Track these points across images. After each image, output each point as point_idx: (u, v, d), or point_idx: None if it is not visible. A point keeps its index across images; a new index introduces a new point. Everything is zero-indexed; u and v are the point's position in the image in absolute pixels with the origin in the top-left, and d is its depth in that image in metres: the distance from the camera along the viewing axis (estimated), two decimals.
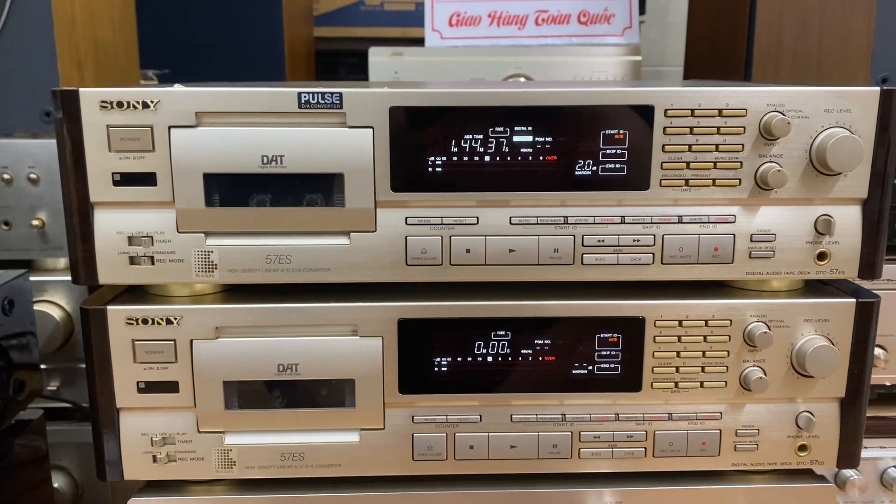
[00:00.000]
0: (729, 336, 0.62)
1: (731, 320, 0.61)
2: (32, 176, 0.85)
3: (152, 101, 0.56)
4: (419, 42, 1.32)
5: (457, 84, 0.67)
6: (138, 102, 0.56)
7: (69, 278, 0.85)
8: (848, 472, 0.89)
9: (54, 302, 0.87)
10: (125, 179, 0.58)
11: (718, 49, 1.25)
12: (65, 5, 0.88)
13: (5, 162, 0.85)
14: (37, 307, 0.84)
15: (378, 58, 1.22)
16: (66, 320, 0.87)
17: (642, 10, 1.67)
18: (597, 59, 1.23)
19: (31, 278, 0.81)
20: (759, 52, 1.10)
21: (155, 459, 0.63)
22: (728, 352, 0.62)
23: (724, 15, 1.22)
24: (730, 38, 1.17)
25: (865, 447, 0.91)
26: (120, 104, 0.56)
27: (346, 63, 1.79)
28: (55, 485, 0.90)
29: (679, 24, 1.52)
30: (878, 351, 0.87)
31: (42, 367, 0.85)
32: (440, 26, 1.34)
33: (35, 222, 0.86)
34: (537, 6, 1.34)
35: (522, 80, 1.24)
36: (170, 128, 0.57)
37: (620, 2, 1.34)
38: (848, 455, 0.64)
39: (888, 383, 0.85)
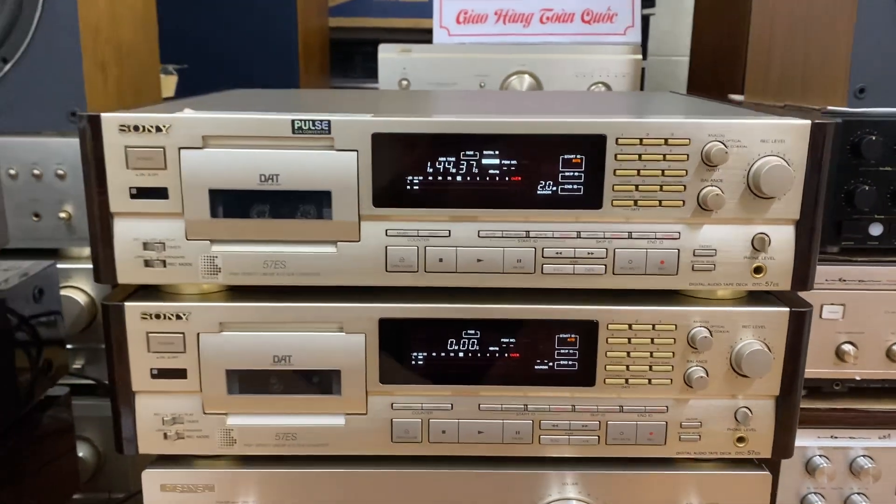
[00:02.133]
0: (674, 339, 0.67)
1: (676, 325, 0.67)
2: (60, 172, 0.89)
3: (164, 126, 0.62)
4: (430, 33, 1.35)
5: (434, 109, 0.73)
6: (152, 126, 0.62)
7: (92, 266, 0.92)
8: (819, 461, 0.94)
9: (79, 287, 0.92)
10: (141, 193, 0.64)
11: (720, 44, 1.28)
12: (90, 12, 0.93)
13: (35, 159, 0.89)
14: (63, 292, 0.89)
15: (388, 55, 1.25)
16: (90, 304, 0.91)
17: (652, 3, 1.68)
18: (599, 56, 1.26)
19: (58, 266, 0.85)
20: (752, 59, 1.13)
21: (166, 436, 0.69)
22: (673, 353, 0.67)
23: (725, 18, 1.25)
24: (729, 37, 1.20)
25: (836, 437, 0.95)
26: (136, 128, 0.62)
27: (361, 52, 1.81)
28: (80, 454, 0.95)
29: (692, 13, 1.53)
30: (848, 347, 0.91)
31: (68, 346, 0.89)
32: (448, 23, 1.37)
33: (62, 214, 0.90)
34: (542, 4, 1.35)
35: (527, 77, 1.27)
36: (180, 149, 0.63)
37: (623, 1, 1.36)
38: (781, 446, 0.69)
39: (857, 377, 0.88)
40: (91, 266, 0.88)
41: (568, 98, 0.99)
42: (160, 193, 0.64)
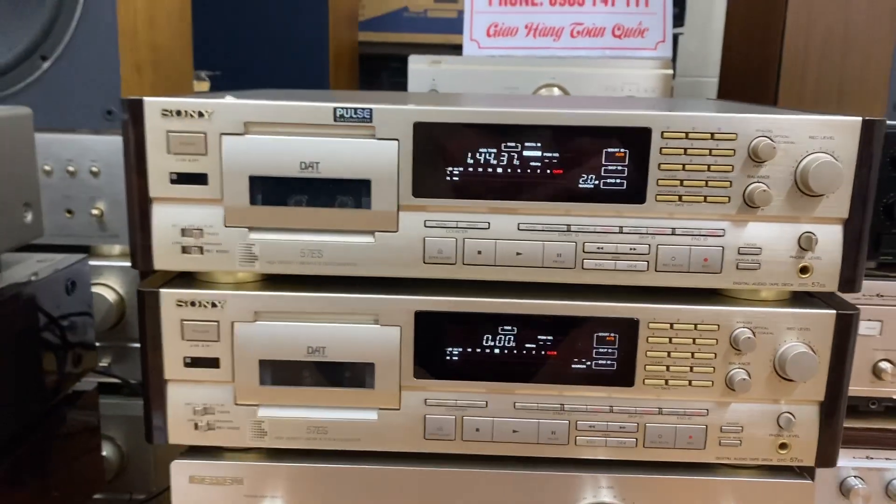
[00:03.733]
0: (716, 339, 0.66)
1: (718, 325, 0.66)
2: (94, 169, 0.90)
3: (207, 111, 0.63)
4: (460, 48, 1.36)
5: (474, 103, 0.72)
6: (195, 112, 0.62)
7: (123, 264, 0.93)
8: (853, 482, 0.92)
9: (109, 285, 0.92)
10: (181, 178, 0.64)
11: (751, 63, 1.28)
12: (128, 16, 0.94)
13: (70, 155, 0.91)
14: (93, 290, 0.89)
15: (417, 65, 1.26)
16: (119, 302, 0.92)
17: (681, 22, 1.68)
18: (629, 71, 1.25)
19: (89, 262, 0.86)
20: (786, 72, 1.12)
21: (196, 427, 0.68)
22: (715, 354, 0.66)
23: (757, 34, 1.25)
24: (762, 55, 1.20)
25: (871, 458, 0.94)
26: (179, 113, 0.63)
27: (390, 67, 1.82)
28: (104, 453, 0.94)
29: (721, 34, 1.53)
30: (885, 365, 0.90)
31: (96, 344, 0.89)
32: (478, 36, 1.38)
33: (95, 211, 0.91)
34: (573, 19, 1.36)
35: (556, 90, 1.27)
36: (221, 135, 0.63)
37: (654, 17, 1.36)
38: (825, 455, 0.68)
39: (895, 397, 0.87)
40: (121, 264, 0.92)
41: (606, 100, 0.98)
42: (200, 179, 0.64)
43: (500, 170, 0.64)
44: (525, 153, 0.63)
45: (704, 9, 1.88)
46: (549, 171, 0.64)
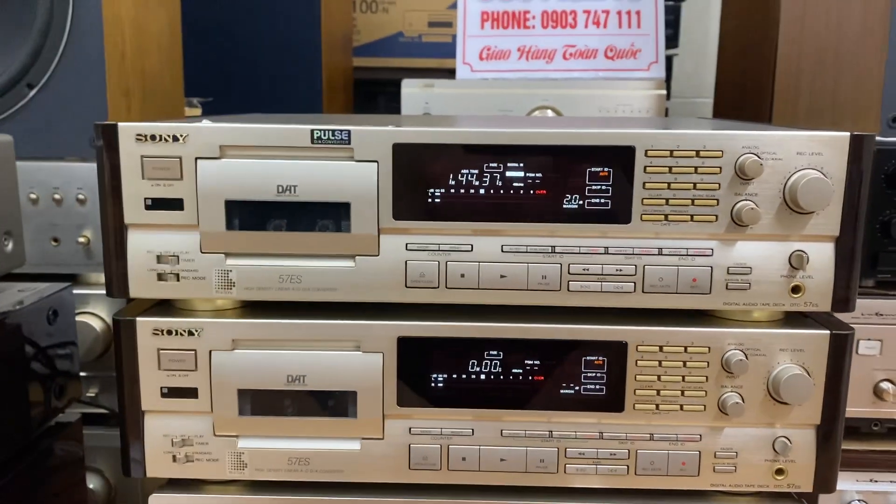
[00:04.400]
0: (707, 362, 0.64)
1: (709, 347, 0.64)
2: (80, 196, 0.89)
3: (181, 135, 0.62)
4: (453, 73, 1.35)
5: (455, 123, 0.72)
6: (169, 136, 0.62)
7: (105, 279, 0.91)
8: None
9: (96, 314, 0.90)
10: (156, 204, 0.63)
11: (745, 83, 1.28)
12: (115, 42, 0.94)
13: (56, 183, 0.89)
14: (79, 318, 0.88)
15: (410, 89, 1.26)
16: (106, 331, 0.90)
17: (675, 44, 1.68)
18: (622, 92, 1.24)
19: (76, 291, 0.85)
20: (780, 91, 1.12)
21: (175, 459, 0.67)
22: (707, 377, 0.64)
23: (750, 54, 1.25)
24: (755, 74, 1.20)
25: (875, 481, 0.92)
26: (153, 137, 0.62)
27: (386, 92, 1.82)
28: (90, 486, 0.92)
29: (715, 55, 1.53)
30: (886, 385, 0.88)
31: (82, 374, 0.88)
32: (471, 59, 1.37)
33: (81, 239, 0.90)
34: (565, 41, 1.36)
35: (549, 112, 1.27)
36: (196, 159, 0.62)
37: (647, 38, 1.36)
38: (824, 480, 0.66)
39: None
40: None
41: (590, 119, 0.97)
42: (175, 205, 0.63)
43: (482, 191, 0.63)
44: (508, 173, 0.62)
45: (699, 30, 1.88)
46: (532, 192, 0.63)
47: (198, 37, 1.35)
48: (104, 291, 0.88)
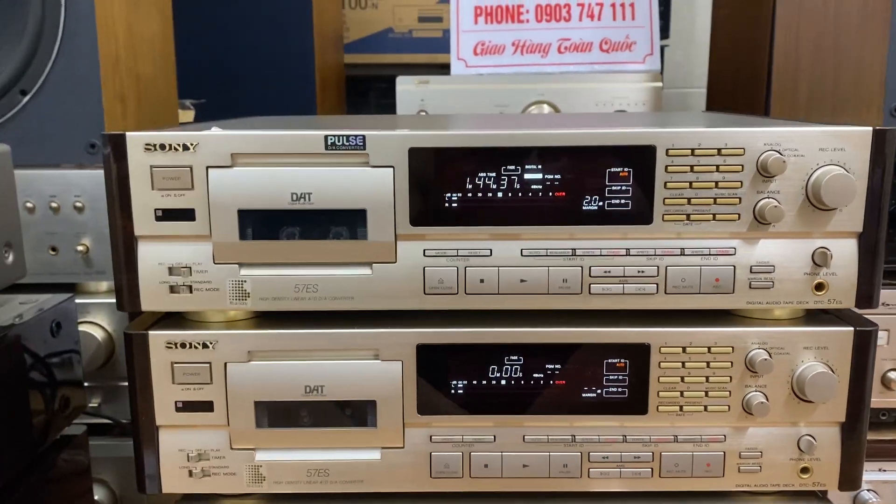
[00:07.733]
0: (731, 362, 0.64)
1: (732, 347, 0.63)
2: (78, 204, 0.88)
3: (192, 144, 0.60)
4: (447, 67, 1.35)
5: (472, 126, 0.70)
6: (179, 145, 0.60)
7: (111, 301, 0.90)
8: (867, 495, 0.91)
9: (97, 323, 0.89)
10: (166, 215, 0.61)
11: (740, 73, 1.27)
12: (109, 45, 0.92)
13: (53, 191, 0.88)
14: (80, 328, 0.86)
15: (405, 86, 1.25)
16: (108, 340, 0.89)
17: (665, 34, 1.67)
18: (618, 85, 1.24)
19: (76, 300, 0.83)
20: (778, 80, 1.11)
21: (191, 474, 0.66)
22: (730, 377, 0.64)
23: (745, 43, 1.24)
24: (751, 64, 1.19)
25: (885, 471, 0.92)
26: (163, 146, 0.60)
27: (377, 88, 1.82)
28: (95, 497, 0.91)
29: (705, 45, 1.53)
30: (894, 375, 0.89)
31: (84, 384, 0.86)
32: (465, 55, 1.36)
33: (80, 248, 0.89)
34: (560, 35, 1.35)
35: (545, 106, 1.26)
36: (207, 168, 0.61)
37: (641, 30, 1.36)
38: (849, 478, 0.65)
39: None
40: (109, 301, 0.89)
41: (606, 116, 0.96)
42: (187, 215, 0.62)
43: (500, 194, 0.62)
44: (526, 176, 0.61)
45: (688, 20, 1.87)
46: (551, 194, 0.62)
47: (190, 38, 1.33)
48: (104, 300, 0.90)
